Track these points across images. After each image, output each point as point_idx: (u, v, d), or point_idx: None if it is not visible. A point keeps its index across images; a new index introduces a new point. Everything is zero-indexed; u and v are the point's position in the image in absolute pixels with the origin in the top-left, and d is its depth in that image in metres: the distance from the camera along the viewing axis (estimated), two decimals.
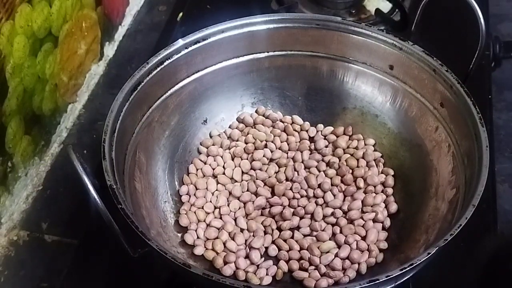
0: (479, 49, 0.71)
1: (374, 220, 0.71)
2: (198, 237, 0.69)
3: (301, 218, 0.71)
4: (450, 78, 0.69)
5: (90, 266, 0.73)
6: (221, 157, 0.76)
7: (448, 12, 0.92)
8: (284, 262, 0.68)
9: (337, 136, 0.78)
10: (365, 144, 0.77)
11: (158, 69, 0.71)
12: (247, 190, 0.73)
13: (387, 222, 0.71)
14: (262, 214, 0.72)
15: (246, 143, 0.77)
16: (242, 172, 0.75)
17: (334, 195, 0.72)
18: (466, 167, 0.66)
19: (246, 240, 0.69)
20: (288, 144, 0.77)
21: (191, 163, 0.76)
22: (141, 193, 0.68)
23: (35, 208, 0.79)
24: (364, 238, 0.69)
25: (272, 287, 0.66)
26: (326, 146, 0.77)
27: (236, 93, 0.79)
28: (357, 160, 0.76)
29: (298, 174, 0.74)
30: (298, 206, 0.72)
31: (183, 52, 0.73)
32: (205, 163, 0.76)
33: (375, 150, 0.77)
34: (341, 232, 0.69)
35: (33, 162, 0.80)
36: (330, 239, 0.69)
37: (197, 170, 0.75)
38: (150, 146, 0.72)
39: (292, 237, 0.70)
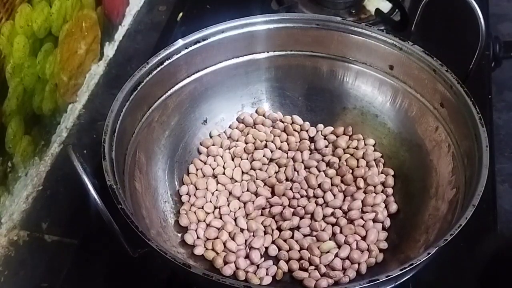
0: (479, 49, 0.70)
1: (374, 220, 0.71)
2: (198, 237, 0.69)
3: (301, 218, 0.71)
4: (450, 78, 0.69)
5: (90, 266, 0.73)
6: (221, 157, 0.76)
7: (448, 12, 0.92)
8: (284, 262, 0.68)
9: (337, 136, 0.78)
10: (365, 144, 0.77)
11: (158, 69, 0.71)
12: (247, 190, 0.73)
13: (387, 222, 0.71)
14: (262, 214, 0.72)
15: (246, 143, 0.77)
16: (242, 172, 0.75)
17: (334, 195, 0.72)
18: (466, 167, 0.66)
19: (246, 240, 0.69)
20: (288, 144, 0.77)
21: (191, 163, 0.76)
22: (141, 193, 0.68)
23: (35, 208, 0.79)
24: (364, 238, 0.69)
25: (272, 287, 0.66)
26: (326, 146, 0.77)
27: (236, 93, 0.79)
28: (357, 160, 0.76)
29: (298, 174, 0.74)
30: (298, 206, 0.72)
31: (183, 52, 0.73)
32: (205, 163, 0.76)
33: (375, 150, 0.77)
34: (341, 232, 0.69)
35: (33, 162, 0.80)
36: (330, 239, 0.69)
37: (197, 170, 0.75)
38: (150, 146, 0.72)
39: (292, 237, 0.69)
